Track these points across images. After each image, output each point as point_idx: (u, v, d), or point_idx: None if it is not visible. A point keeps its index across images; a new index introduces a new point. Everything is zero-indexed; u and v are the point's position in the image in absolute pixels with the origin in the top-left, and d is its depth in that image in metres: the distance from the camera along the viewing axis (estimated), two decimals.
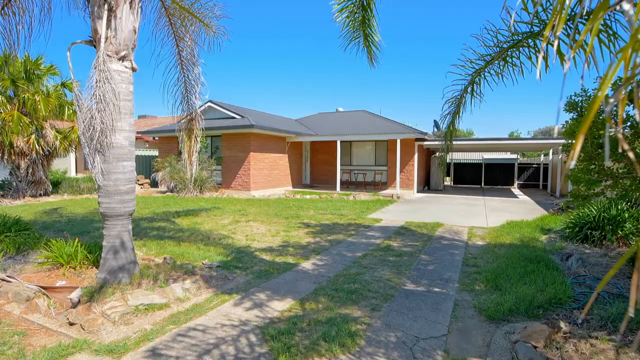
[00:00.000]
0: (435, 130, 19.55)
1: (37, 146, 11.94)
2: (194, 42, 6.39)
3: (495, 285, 4.64)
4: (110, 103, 4.11)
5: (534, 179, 23.58)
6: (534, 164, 23.98)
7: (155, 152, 20.44)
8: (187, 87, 7.28)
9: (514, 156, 33.87)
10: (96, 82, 4.08)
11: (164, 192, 15.58)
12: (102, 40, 4.13)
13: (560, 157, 17.66)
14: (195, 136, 7.68)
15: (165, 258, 5.33)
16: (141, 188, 17.61)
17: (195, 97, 7.22)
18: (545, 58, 3.41)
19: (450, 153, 29.96)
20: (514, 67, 3.93)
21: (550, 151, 20.73)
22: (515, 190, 21.68)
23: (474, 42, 3.97)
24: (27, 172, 12.39)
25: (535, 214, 11.21)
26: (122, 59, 4.32)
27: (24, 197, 12.43)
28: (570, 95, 4.79)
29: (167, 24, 6.42)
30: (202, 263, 5.49)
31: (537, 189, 22.20)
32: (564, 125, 23.15)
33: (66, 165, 20.24)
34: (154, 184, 17.27)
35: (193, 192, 14.34)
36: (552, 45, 3.24)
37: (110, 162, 4.30)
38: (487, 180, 24.48)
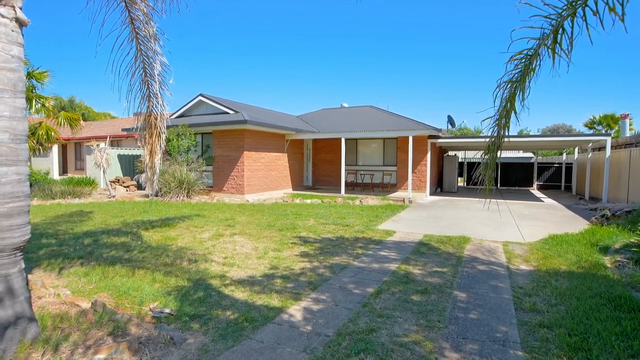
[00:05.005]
0: (450, 126, 17.80)
1: None
2: (147, 4, 4.78)
3: (587, 358, 2.98)
4: None
5: (555, 179, 21.72)
6: (555, 163, 22.12)
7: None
8: (146, 70, 5.72)
9: (528, 155, 31.94)
10: None
11: (147, 196, 14.03)
12: None
13: (589, 155, 15.84)
14: (158, 133, 6.15)
15: (94, 303, 3.72)
16: (127, 191, 16.08)
17: (156, 81, 5.67)
18: None
19: (462, 152, 27.81)
20: None
21: (576, 149, 18.89)
22: (535, 192, 19.87)
23: None
24: None
25: (574, 223, 9.49)
26: None
27: None
28: None
29: None
30: (149, 309, 3.88)
31: (559, 191, 20.38)
32: (590, 119, 21.03)
33: (48, 165, 18.76)
34: (141, 186, 15.75)
35: (179, 197, 12.76)
36: None
37: None
38: (503, 181, 22.67)
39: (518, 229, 8.79)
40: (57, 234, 7.39)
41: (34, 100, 11.22)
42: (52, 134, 11.53)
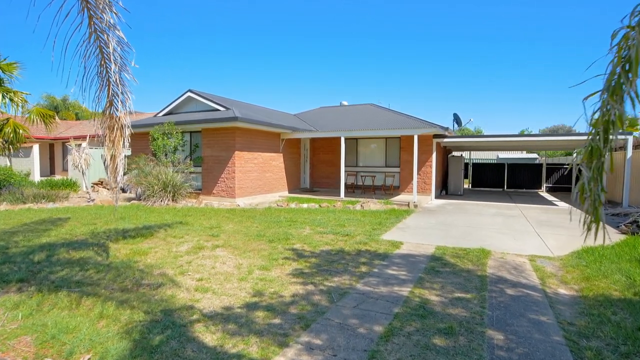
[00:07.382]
0: (456, 125, 16.75)
1: None
2: None
3: None
4: None
5: (565, 181, 20.67)
6: (565, 164, 21.08)
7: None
8: (102, 49, 4.68)
9: (532, 156, 30.87)
10: None
11: (130, 200, 12.93)
12: None
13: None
14: (120, 128, 5.15)
15: None
16: (110, 194, 15.00)
17: (111, 60, 4.62)
18: None
19: (468, 152, 26.67)
20: None
21: None
22: (545, 194, 18.86)
23: None
24: None
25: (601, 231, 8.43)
26: None
27: None
28: None
29: None
30: None
31: (569, 193, 19.34)
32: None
33: (29, 166, 17.65)
34: (124, 189, 14.68)
35: (163, 201, 11.68)
36: None
37: None
38: (510, 183, 21.63)
39: (541, 239, 7.75)
40: (7, 247, 6.32)
41: (0, 95, 10.13)
42: (21, 131, 10.46)
